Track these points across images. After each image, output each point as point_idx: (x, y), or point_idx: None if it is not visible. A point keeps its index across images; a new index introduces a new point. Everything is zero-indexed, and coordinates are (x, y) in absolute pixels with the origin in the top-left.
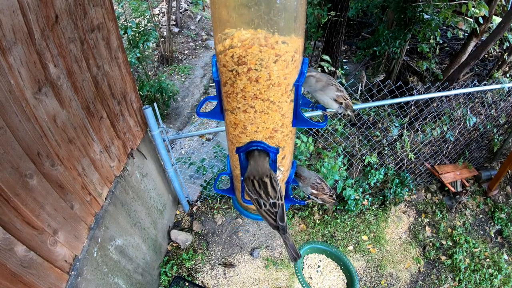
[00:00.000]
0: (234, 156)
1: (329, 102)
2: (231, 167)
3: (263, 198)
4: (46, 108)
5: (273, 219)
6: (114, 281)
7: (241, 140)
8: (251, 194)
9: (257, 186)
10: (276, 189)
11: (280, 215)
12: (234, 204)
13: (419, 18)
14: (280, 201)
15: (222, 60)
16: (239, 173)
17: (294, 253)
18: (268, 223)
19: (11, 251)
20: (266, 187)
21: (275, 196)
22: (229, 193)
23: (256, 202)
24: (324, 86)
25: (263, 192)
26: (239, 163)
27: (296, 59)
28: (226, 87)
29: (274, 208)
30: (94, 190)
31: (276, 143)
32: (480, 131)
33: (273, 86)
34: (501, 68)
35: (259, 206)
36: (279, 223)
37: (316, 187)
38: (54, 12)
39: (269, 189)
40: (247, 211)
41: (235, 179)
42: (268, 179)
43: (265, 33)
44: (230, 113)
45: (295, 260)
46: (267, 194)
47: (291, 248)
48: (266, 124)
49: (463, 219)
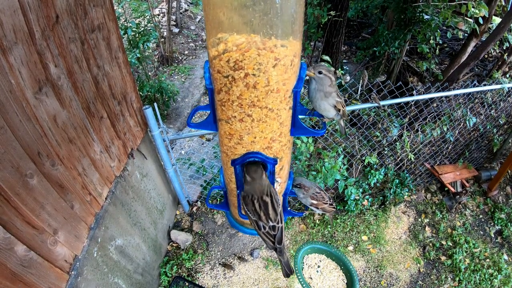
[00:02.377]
0: (229, 169)
1: (327, 109)
2: (225, 181)
3: (262, 221)
4: (46, 108)
5: (272, 241)
6: (114, 281)
7: (236, 151)
8: (250, 215)
9: (257, 207)
10: (276, 211)
11: (278, 238)
12: (228, 218)
13: (419, 19)
14: (280, 224)
15: (216, 66)
16: (234, 186)
17: (288, 270)
18: (266, 244)
19: (11, 250)
20: (266, 207)
21: (275, 219)
22: (223, 208)
23: (255, 224)
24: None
25: (263, 213)
26: (234, 176)
27: (295, 63)
28: (221, 94)
29: (273, 231)
30: (94, 190)
31: (274, 154)
32: (480, 131)
33: (272, 92)
34: (501, 68)
35: (258, 228)
36: (277, 245)
37: (315, 197)
38: (54, 12)
39: (270, 211)
40: (243, 226)
41: (230, 193)
42: (269, 198)
43: (261, 36)
44: (225, 123)
45: (287, 276)
46: (267, 216)
47: (285, 265)
48: (264, 133)
49: (463, 219)
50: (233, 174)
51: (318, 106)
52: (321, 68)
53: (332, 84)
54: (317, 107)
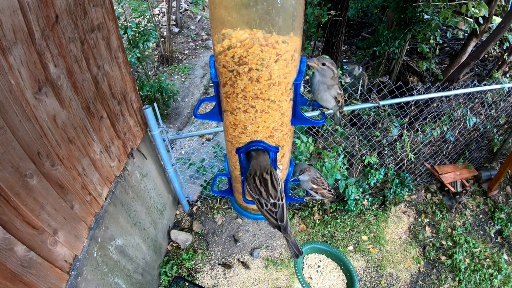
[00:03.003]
0: (233, 157)
1: (329, 99)
2: (230, 168)
3: (264, 198)
4: (46, 108)
5: (275, 218)
6: (114, 281)
7: (241, 140)
8: (252, 194)
9: (258, 183)
10: (276, 188)
11: (280, 215)
12: (232, 204)
13: (419, 18)
14: (280, 201)
15: (222, 61)
16: (238, 173)
17: (296, 250)
18: (269, 222)
19: (11, 251)
20: (266, 184)
21: (275, 196)
22: (228, 194)
23: (258, 202)
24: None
25: (264, 189)
26: (238, 164)
27: (295, 58)
28: (226, 87)
29: (275, 208)
30: (94, 190)
31: (276, 142)
32: (480, 131)
33: (274, 85)
34: (501, 68)
35: (260, 206)
36: (279, 222)
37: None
38: (54, 12)
39: (270, 188)
40: (246, 211)
41: (234, 180)
42: (269, 176)
43: (264, 33)
44: (229, 114)
45: (297, 256)
46: (268, 193)
47: (293, 245)
48: (267, 123)
49: (463, 219)
50: (237, 161)
51: (320, 97)
52: (324, 60)
53: (334, 76)
54: (319, 98)
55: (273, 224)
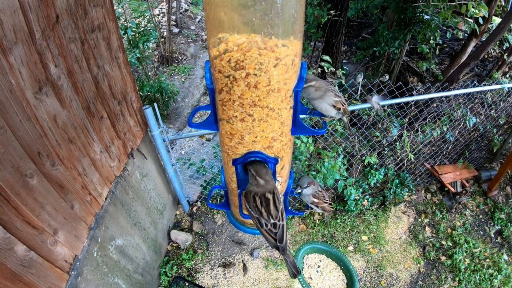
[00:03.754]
0: (230, 169)
1: (327, 109)
2: (226, 180)
3: (264, 218)
4: (46, 108)
5: (274, 239)
6: (114, 281)
7: (238, 151)
8: (251, 212)
9: (259, 203)
10: (278, 208)
11: (279, 236)
12: (229, 218)
13: (419, 19)
14: (281, 222)
15: (217, 66)
16: (235, 186)
17: (294, 270)
18: (268, 242)
19: (11, 250)
20: (268, 204)
21: (276, 216)
22: (224, 207)
23: (257, 221)
24: (323, 93)
25: (264, 210)
26: (235, 176)
27: (296, 63)
28: (222, 94)
29: (275, 229)
30: (94, 190)
31: (275, 153)
32: (480, 131)
33: (273, 92)
34: (500, 68)
35: (260, 225)
36: (278, 244)
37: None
38: (54, 12)
39: (271, 208)
40: (244, 226)
41: (231, 193)
42: (271, 195)
43: (262, 36)
44: (226, 123)
45: (295, 276)
46: (269, 213)
47: (291, 265)
48: (265, 133)
49: (463, 219)
50: (234, 174)
51: (319, 108)
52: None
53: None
54: (318, 109)
55: (272, 244)
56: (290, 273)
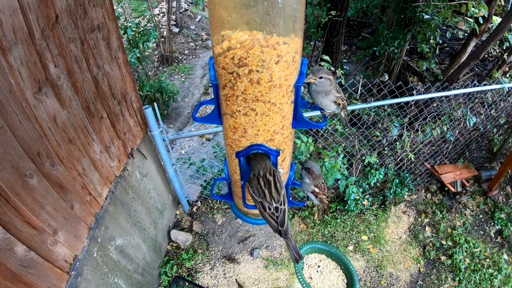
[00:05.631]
0: (233, 161)
1: (328, 104)
2: (230, 172)
3: (267, 201)
4: (46, 108)
5: (276, 222)
6: (114, 281)
7: (241, 144)
8: (255, 196)
9: (262, 184)
10: (280, 192)
11: (281, 219)
12: (232, 210)
13: (419, 18)
14: (282, 206)
15: (221, 62)
16: (238, 178)
17: (296, 254)
18: (270, 226)
19: (11, 251)
20: (270, 186)
21: (278, 200)
22: (227, 198)
23: (260, 205)
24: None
25: (267, 191)
26: (238, 168)
27: (296, 59)
28: (226, 90)
29: (277, 212)
30: (94, 190)
31: (276, 146)
32: (480, 131)
33: (275, 87)
34: (501, 68)
35: (263, 209)
36: (280, 227)
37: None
38: (54, 12)
39: (273, 190)
40: (247, 216)
41: (234, 185)
42: (272, 177)
43: (264, 34)
44: (229, 117)
45: (297, 261)
46: (271, 195)
47: (293, 249)
48: (267, 126)
49: (463, 219)
50: (237, 165)
51: (320, 103)
52: (320, 73)
53: (331, 83)
54: (319, 103)
55: (274, 228)
56: (292, 258)
